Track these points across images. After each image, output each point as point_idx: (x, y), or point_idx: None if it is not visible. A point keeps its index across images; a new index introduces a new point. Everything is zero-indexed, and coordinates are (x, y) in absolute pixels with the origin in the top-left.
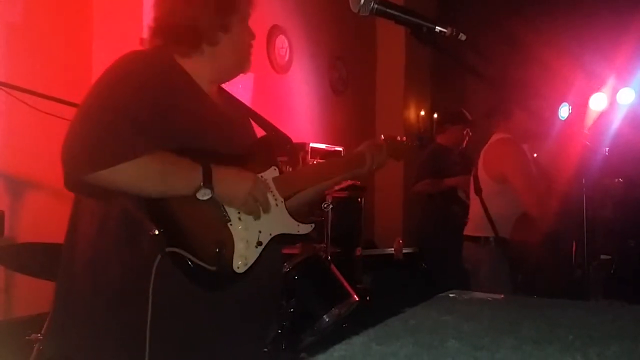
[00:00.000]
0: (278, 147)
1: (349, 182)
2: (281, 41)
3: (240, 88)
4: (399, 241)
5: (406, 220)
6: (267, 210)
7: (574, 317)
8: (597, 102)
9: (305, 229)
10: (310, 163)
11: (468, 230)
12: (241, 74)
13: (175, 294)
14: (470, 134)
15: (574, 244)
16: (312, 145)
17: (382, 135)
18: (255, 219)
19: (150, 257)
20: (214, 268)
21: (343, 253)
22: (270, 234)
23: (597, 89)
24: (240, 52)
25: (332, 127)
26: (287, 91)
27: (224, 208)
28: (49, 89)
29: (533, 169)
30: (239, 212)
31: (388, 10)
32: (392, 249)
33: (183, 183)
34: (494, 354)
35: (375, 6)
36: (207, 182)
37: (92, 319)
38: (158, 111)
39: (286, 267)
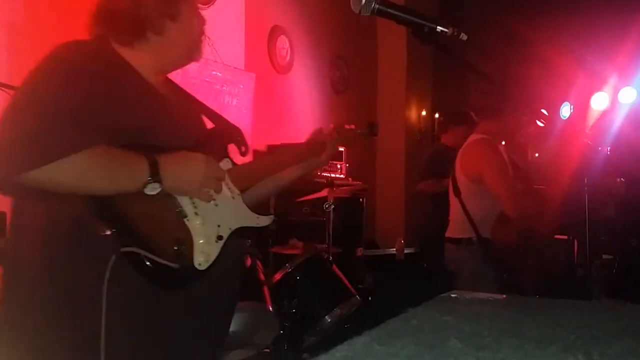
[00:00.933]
0: (229, 139)
1: (350, 182)
2: (282, 41)
3: (242, 88)
4: (401, 241)
5: (407, 220)
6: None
7: (576, 316)
8: (599, 101)
9: (265, 220)
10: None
11: (449, 232)
12: (243, 74)
13: (131, 296)
14: None
15: (576, 243)
16: None
17: (331, 124)
18: (213, 212)
19: (104, 259)
20: (176, 265)
21: (344, 253)
22: (230, 228)
23: (599, 88)
24: (190, 41)
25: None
26: (289, 91)
27: (178, 203)
28: None
29: (509, 169)
30: (195, 207)
31: (389, 10)
32: (394, 249)
33: (129, 178)
34: (495, 354)
35: (376, 6)
36: (155, 176)
37: (44, 326)
38: (96, 102)
39: (288, 268)
